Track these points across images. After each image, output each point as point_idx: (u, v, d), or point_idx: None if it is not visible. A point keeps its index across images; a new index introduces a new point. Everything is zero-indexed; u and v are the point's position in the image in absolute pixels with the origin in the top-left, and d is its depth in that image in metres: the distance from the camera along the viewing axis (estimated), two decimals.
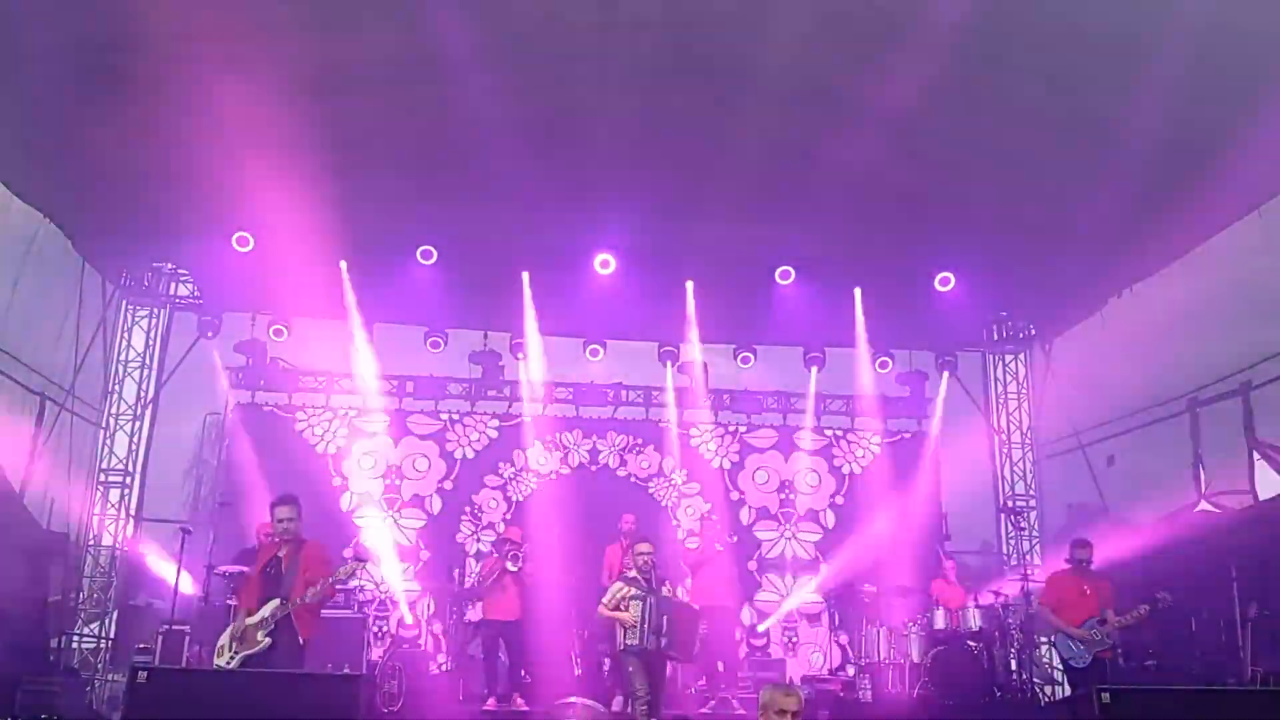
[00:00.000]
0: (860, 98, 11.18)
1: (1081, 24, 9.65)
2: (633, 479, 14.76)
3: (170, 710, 6.42)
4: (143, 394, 14.51)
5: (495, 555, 10.88)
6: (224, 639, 8.11)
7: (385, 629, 13.36)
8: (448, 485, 14.48)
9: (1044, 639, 10.72)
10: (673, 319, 14.42)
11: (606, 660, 11.35)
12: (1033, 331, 15.57)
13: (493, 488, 14.51)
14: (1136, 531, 12.90)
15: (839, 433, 15.28)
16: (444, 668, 12.16)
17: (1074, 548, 9.83)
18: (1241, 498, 11.16)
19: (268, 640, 7.83)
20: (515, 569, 10.62)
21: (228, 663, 7.90)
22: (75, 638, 13.01)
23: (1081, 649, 9.13)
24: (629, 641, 8.50)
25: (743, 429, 15.20)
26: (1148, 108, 10.24)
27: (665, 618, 8.45)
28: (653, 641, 8.42)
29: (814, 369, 14.91)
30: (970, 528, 15.42)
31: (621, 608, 8.62)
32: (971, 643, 11.14)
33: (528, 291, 13.86)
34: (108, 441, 14.16)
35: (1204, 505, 11.67)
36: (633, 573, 8.93)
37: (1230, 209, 10.76)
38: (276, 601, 7.91)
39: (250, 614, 7.96)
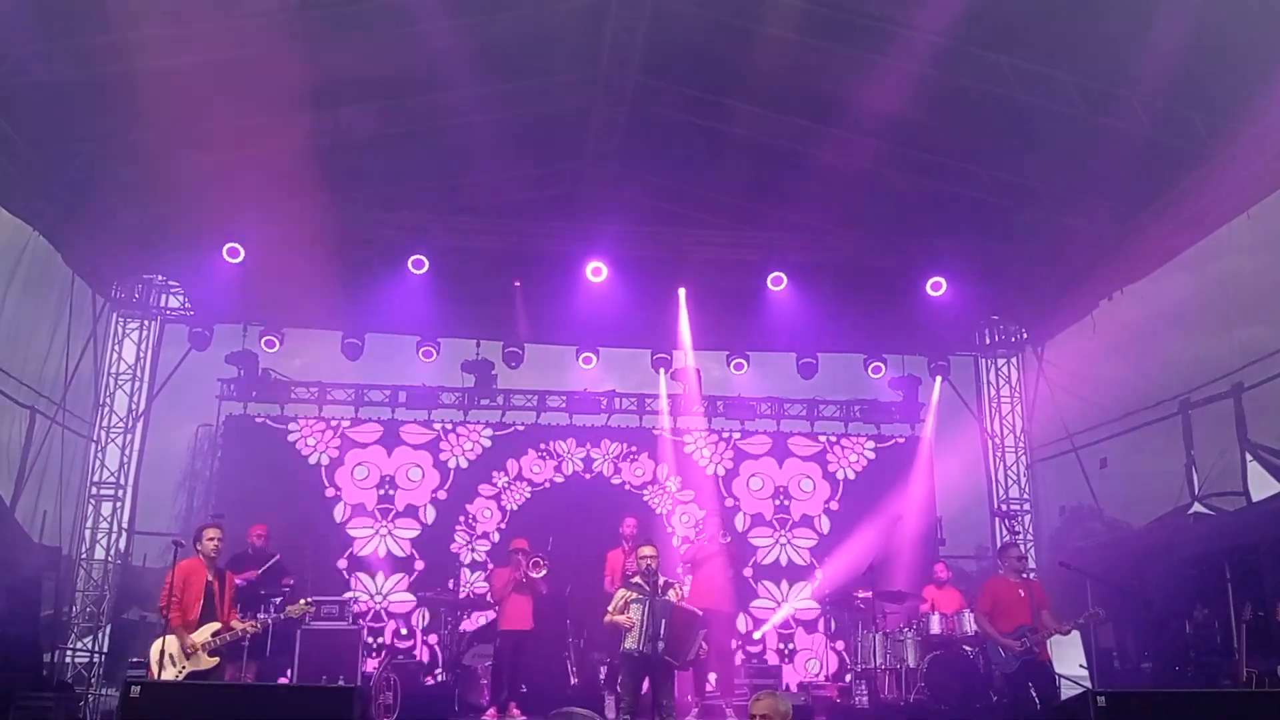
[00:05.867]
0: (851, 104, 11.22)
1: (1070, 30, 9.70)
2: (627, 486, 14.73)
3: None
4: (134, 406, 14.45)
5: (509, 566, 10.85)
6: (162, 652, 8.29)
7: (380, 640, 13.31)
8: (441, 495, 14.44)
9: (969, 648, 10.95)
10: (665, 326, 14.43)
11: (603, 669, 11.33)
12: (1024, 335, 15.60)
13: (486, 497, 14.48)
14: (1130, 534, 12.93)
15: (833, 438, 15.28)
16: (439, 678, 12.11)
17: (1007, 551, 9.97)
18: (1234, 499, 11.17)
19: (215, 660, 8.38)
20: (540, 575, 10.65)
21: (174, 678, 8.18)
22: (68, 652, 12.94)
23: (1010, 655, 9.20)
24: (627, 646, 8.52)
25: (736, 435, 15.18)
26: (1137, 111, 10.30)
27: (664, 621, 8.45)
28: (649, 646, 8.41)
29: (807, 374, 14.90)
30: (965, 532, 15.43)
31: (624, 612, 8.64)
32: (967, 647, 11.15)
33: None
34: (99, 455, 14.09)
35: (1197, 507, 11.68)
36: (636, 578, 8.93)
37: (1219, 211, 10.79)
38: (217, 625, 8.47)
39: (188, 630, 8.35)
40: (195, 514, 14.22)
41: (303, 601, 9.53)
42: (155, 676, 8.24)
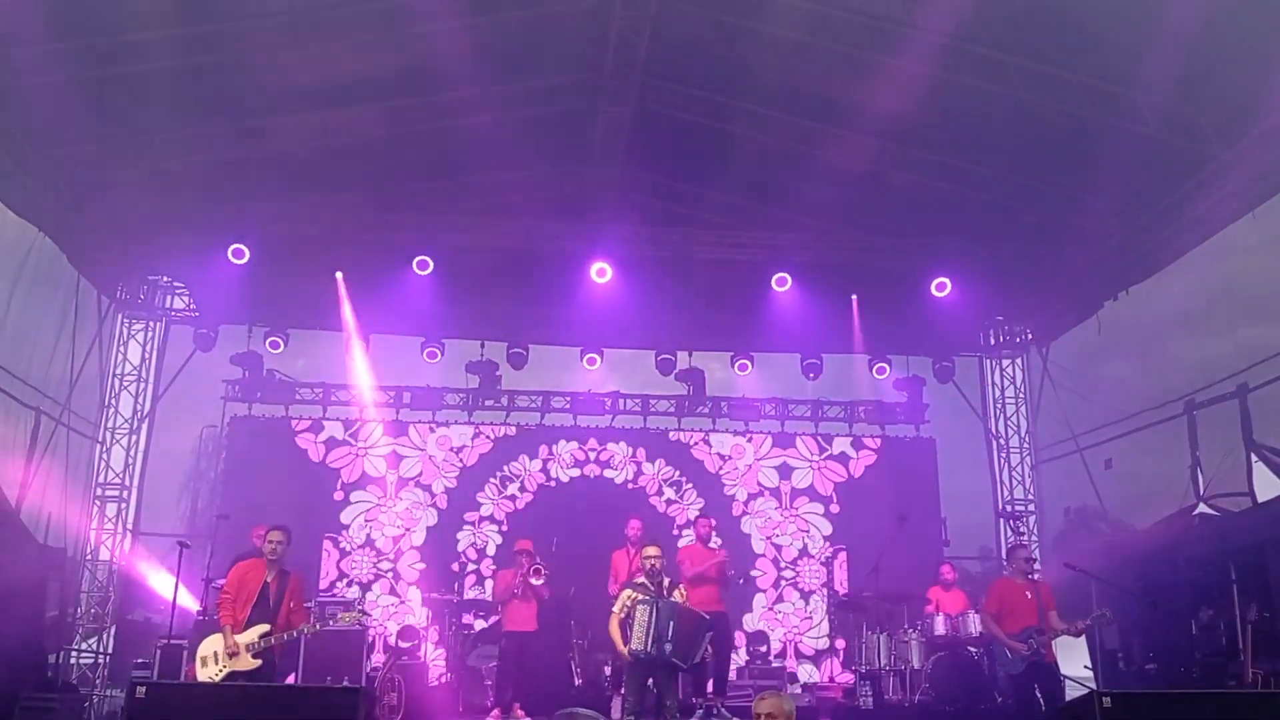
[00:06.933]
0: (856, 104, 11.22)
1: (1076, 30, 9.69)
2: (630, 488, 14.73)
3: None
4: (139, 408, 14.47)
5: (513, 567, 10.83)
6: (208, 650, 8.31)
7: (384, 639, 13.31)
8: (445, 496, 14.46)
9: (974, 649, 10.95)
10: (670, 327, 14.41)
11: (607, 669, 11.31)
12: (1029, 336, 15.59)
13: (490, 497, 14.49)
14: (1135, 535, 12.90)
15: (837, 438, 15.27)
16: (444, 679, 12.11)
17: (1015, 553, 9.94)
18: (1240, 500, 11.14)
19: (257, 662, 8.21)
20: (539, 583, 10.65)
21: (213, 676, 8.14)
22: (73, 653, 12.95)
23: (1016, 657, 9.17)
24: (633, 647, 8.50)
25: (741, 436, 15.18)
26: (1142, 112, 10.29)
27: (671, 623, 8.43)
28: (656, 648, 8.39)
29: (811, 375, 14.89)
30: (969, 533, 15.41)
31: (630, 615, 8.61)
32: (971, 648, 11.14)
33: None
34: (104, 456, 14.10)
35: (1202, 508, 11.65)
36: (641, 578, 8.91)
37: (1224, 212, 10.77)
38: (266, 627, 8.30)
39: (235, 631, 8.24)
40: (200, 515, 14.24)
41: (356, 610, 9.70)
42: (194, 674, 8.31)
